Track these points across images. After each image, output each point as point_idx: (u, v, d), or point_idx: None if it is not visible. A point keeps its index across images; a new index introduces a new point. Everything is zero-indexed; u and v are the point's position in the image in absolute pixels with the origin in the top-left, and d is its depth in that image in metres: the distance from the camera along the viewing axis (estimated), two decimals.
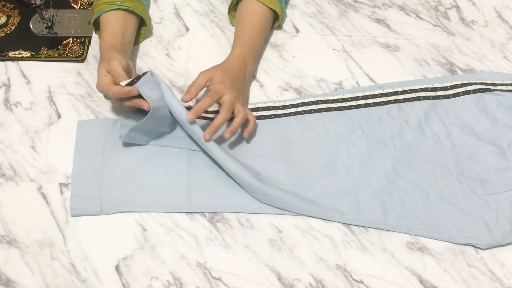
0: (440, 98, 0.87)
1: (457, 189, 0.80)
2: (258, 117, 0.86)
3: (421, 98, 0.88)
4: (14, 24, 0.98)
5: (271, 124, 0.86)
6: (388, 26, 1.00)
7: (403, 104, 0.87)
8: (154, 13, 1.01)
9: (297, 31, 0.99)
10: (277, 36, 0.98)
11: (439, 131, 0.84)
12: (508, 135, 0.84)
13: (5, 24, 0.98)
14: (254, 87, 0.91)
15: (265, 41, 0.96)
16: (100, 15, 0.87)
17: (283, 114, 0.87)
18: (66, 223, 0.77)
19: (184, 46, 0.96)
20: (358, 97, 0.88)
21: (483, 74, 0.91)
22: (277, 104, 0.88)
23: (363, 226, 0.77)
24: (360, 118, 0.86)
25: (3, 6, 1.00)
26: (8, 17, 0.99)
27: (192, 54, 0.95)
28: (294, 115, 0.87)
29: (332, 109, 0.87)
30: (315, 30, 0.99)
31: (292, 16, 1.00)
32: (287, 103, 0.88)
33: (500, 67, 0.94)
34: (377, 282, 0.73)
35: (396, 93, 0.88)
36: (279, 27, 0.99)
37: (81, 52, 0.94)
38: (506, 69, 0.94)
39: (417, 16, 1.01)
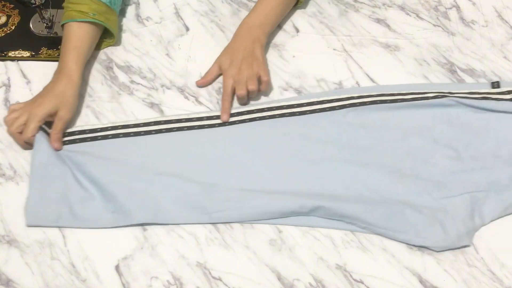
0: (398, 102, 0.86)
1: (414, 193, 0.79)
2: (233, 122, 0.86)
3: (378, 102, 0.87)
4: (14, 24, 0.98)
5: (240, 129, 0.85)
6: (388, 26, 1.00)
7: (359, 108, 0.86)
8: (154, 13, 1.01)
9: (297, 31, 0.99)
10: (277, 36, 0.98)
11: (396, 135, 0.84)
12: (465, 138, 0.83)
13: (5, 24, 0.98)
14: None
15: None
16: (68, 22, 0.86)
17: (238, 121, 0.86)
18: None
19: (184, 46, 0.96)
20: (313, 102, 0.87)
21: (440, 86, 0.90)
22: (242, 109, 0.87)
23: (312, 227, 0.77)
24: (315, 123, 0.85)
25: (3, 6, 1.00)
26: (8, 17, 0.99)
27: (192, 54, 0.95)
28: (249, 121, 0.86)
29: (287, 114, 0.86)
30: (315, 30, 0.99)
31: (292, 16, 1.00)
32: (240, 110, 0.87)
33: (500, 67, 0.94)
34: (377, 282, 0.73)
35: (352, 97, 0.88)
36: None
37: None
38: (506, 69, 0.94)
39: (417, 16, 1.01)
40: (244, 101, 0.87)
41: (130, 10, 1.01)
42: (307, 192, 0.78)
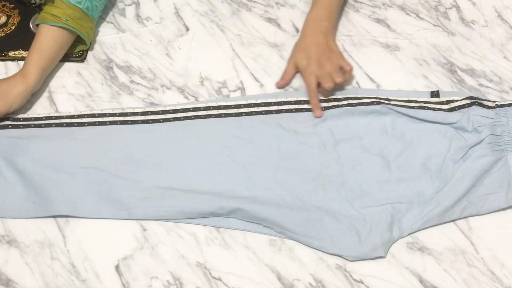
0: (332, 108, 0.86)
1: (335, 200, 0.78)
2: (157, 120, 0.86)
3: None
4: (14, 24, 0.98)
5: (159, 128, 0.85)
6: (388, 26, 1.00)
7: (294, 114, 0.86)
8: (154, 13, 1.01)
9: (297, 31, 0.99)
10: (277, 36, 0.98)
11: (326, 141, 0.83)
12: (396, 148, 0.82)
13: (5, 24, 0.98)
14: (254, 87, 0.91)
15: (265, 40, 0.96)
16: (41, 23, 0.87)
17: (172, 118, 0.86)
18: (66, 223, 0.77)
19: (184, 46, 0.96)
20: (250, 104, 0.87)
21: (379, 92, 0.90)
22: (167, 108, 0.87)
23: (229, 228, 0.77)
24: (249, 125, 0.85)
25: (3, 6, 1.00)
26: (8, 17, 0.99)
27: (192, 54, 0.95)
28: (183, 119, 0.85)
29: (223, 115, 0.86)
30: None
31: (292, 16, 1.00)
32: (177, 107, 0.87)
33: (500, 67, 0.94)
34: (377, 282, 0.73)
35: (289, 102, 0.87)
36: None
37: (81, 52, 0.94)
38: (506, 69, 0.94)
39: (417, 16, 1.01)
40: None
41: (130, 10, 1.01)
42: (230, 194, 0.78)
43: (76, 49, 0.93)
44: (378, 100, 0.86)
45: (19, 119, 0.85)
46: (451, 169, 0.80)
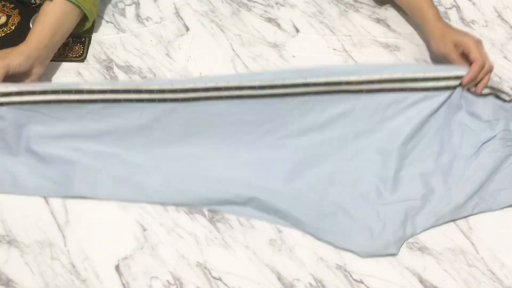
0: (363, 92, 0.81)
1: (350, 195, 0.78)
2: (176, 100, 0.81)
3: (341, 91, 0.81)
4: (14, 24, 0.98)
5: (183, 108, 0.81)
6: (388, 26, 1.00)
7: (324, 97, 0.81)
8: (154, 13, 1.01)
9: (297, 31, 0.99)
10: (277, 36, 0.98)
11: (348, 134, 0.82)
12: (410, 144, 0.82)
13: (5, 24, 0.98)
14: None
15: (265, 40, 0.96)
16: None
17: (191, 98, 0.80)
18: (66, 223, 0.77)
19: (184, 46, 0.96)
20: (277, 85, 0.80)
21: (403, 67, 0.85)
22: (186, 86, 0.80)
23: (243, 215, 0.78)
24: (275, 107, 0.81)
25: (3, 6, 1.00)
26: (8, 17, 0.99)
27: (192, 54, 0.95)
28: (204, 99, 0.80)
29: (246, 96, 0.81)
30: (315, 30, 0.99)
31: (292, 16, 1.00)
32: (207, 85, 0.79)
33: (500, 67, 0.94)
34: (377, 282, 0.73)
35: (318, 84, 0.81)
36: None
37: (81, 52, 0.94)
38: (506, 69, 0.94)
39: None
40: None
41: (130, 10, 1.01)
42: (247, 182, 0.78)
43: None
44: (401, 86, 0.81)
45: (34, 92, 0.79)
46: (463, 165, 0.80)
